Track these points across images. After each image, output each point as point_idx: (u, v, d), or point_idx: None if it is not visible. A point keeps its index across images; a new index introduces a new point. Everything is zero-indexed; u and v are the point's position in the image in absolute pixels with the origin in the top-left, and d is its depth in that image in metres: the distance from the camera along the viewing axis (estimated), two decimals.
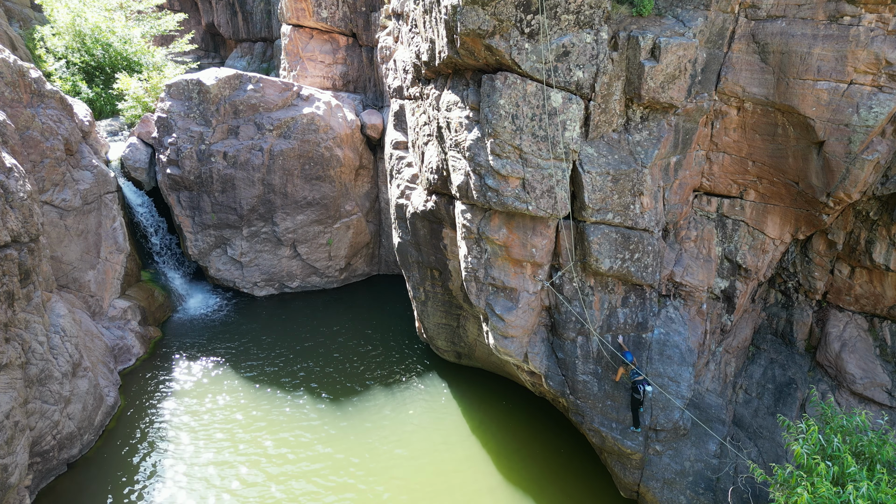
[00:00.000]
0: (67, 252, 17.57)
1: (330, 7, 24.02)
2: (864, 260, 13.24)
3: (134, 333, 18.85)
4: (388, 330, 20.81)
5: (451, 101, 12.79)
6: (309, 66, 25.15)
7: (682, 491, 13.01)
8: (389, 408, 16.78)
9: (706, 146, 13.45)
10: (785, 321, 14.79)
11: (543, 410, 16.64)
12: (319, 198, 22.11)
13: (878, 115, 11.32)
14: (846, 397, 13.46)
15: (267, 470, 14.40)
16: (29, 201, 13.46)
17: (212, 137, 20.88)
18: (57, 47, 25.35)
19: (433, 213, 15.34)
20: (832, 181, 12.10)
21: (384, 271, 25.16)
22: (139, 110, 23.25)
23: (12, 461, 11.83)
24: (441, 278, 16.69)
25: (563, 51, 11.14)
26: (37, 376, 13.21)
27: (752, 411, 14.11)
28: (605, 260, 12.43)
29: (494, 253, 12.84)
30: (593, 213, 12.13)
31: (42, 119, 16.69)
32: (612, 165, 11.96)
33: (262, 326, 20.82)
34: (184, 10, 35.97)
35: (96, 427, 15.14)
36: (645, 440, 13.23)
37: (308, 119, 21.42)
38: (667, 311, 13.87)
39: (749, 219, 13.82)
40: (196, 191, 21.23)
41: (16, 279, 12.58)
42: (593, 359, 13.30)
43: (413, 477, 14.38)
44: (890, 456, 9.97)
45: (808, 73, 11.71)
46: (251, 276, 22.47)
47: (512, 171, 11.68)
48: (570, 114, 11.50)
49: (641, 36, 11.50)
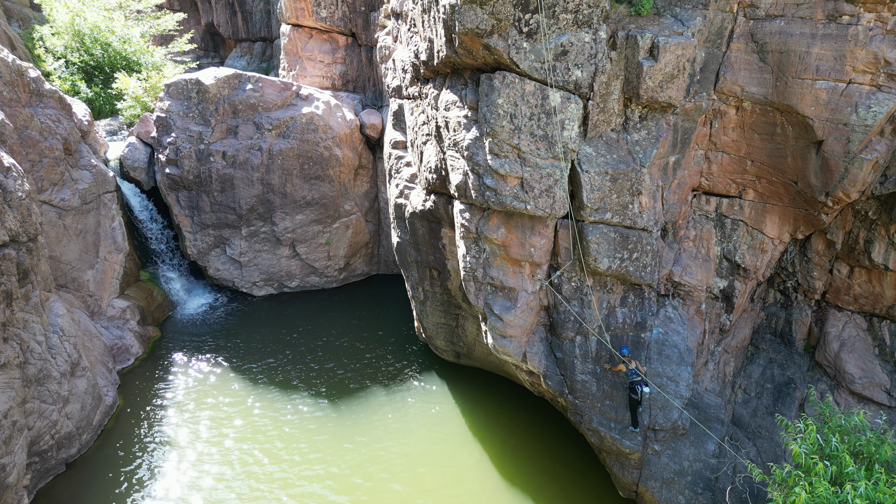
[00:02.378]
0: (66, 252, 17.56)
1: (329, 7, 24.01)
2: (862, 259, 13.23)
3: (133, 333, 18.84)
4: (387, 330, 20.80)
5: (449, 100, 12.78)
6: (308, 65, 25.14)
7: (680, 490, 13.01)
8: (389, 407, 16.78)
9: (705, 146, 13.44)
10: (784, 321, 14.78)
11: (542, 410, 16.64)
12: (318, 197, 22.10)
13: (876, 115, 11.31)
14: (845, 397, 13.45)
15: (267, 469, 14.40)
16: (27, 201, 13.46)
17: (211, 137, 20.87)
18: (56, 47, 25.36)
19: (432, 212, 15.33)
20: (831, 181, 12.10)
21: (383, 271, 25.15)
22: (138, 110, 23.26)
23: (10, 461, 11.83)
24: (440, 278, 16.68)
25: (562, 50, 11.13)
26: (35, 376, 13.21)
27: (751, 411, 14.10)
28: (603, 259, 12.42)
29: (493, 252, 12.83)
30: (592, 213, 12.12)
31: (41, 118, 16.69)
32: (611, 165, 11.95)
33: (261, 326, 20.81)
34: (183, 10, 35.95)
35: (95, 427, 15.14)
36: (644, 440, 13.22)
37: (307, 119, 21.41)
38: (665, 310, 13.87)
39: (748, 218, 13.81)
40: (195, 190, 21.22)
41: (14, 279, 12.57)
42: (592, 358, 13.29)
43: (413, 476, 14.38)
44: (888, 455, 9.96)
45: (807, 72, 11.70)
46: (250, 276, 22.46)
47: (510, 171, 11.67)
48: (568, 113, 11.50)
49: (640, 35, 11.49)
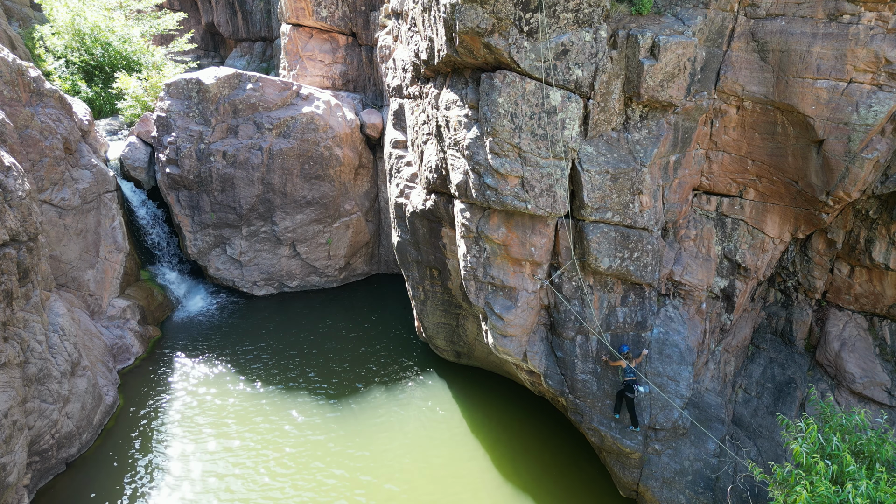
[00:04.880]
0: (66, 251, 17.56)
1: (329, 6, 24.01)
2: (863, 259, 13.22)
3: (133, 333, 18.84)
4: (387, 329, 20.79)
5: (450, 99, 12.77)
6: (308, 65, 25.13)
7: (681, 490, 13.00)
8: (389, 407, 16.77)
9: (705, 145, 13.43)
10: (784, 320, 14.77)
11: (543, 410, 16.62)
12: (319, 197, 22.09)
13: (877, 114, 11.31)
14: (845, 396, 13.44)
15: (267, 469, 14.39)
16: (28, 200, 13.46)
17: (211, 136, 20.87)
18: (56, 46, 25.35)
19: (432, 211, 15.33)
20: (832, 180, 12.09)
21: (384, 271, 25.14)
22: (138, 109, 23.25)
23: (11, 460, 11.82)
24: (440, 277, 16.67)
25: (562, 49, 11.13)
26: (35, 375, 13.20)
27: (752, 410, 14.09)
28: (604, 259, 12.42)
29: (493, 252, 12.82)
30: (592, 212, 12.12)
31: (41, 118, 16.68)
32: (612, 164, 11.95)
33: (261, 326, 20.80)
34: (183, 10, 35.93)
35: (95, 426, 15.13)
36: (644, 439, 13.21)
37: (307, 118, 21.41)
38: (666, 310, 13.86)
39: (748, 218, 13.80)
40: (195, 190, 21.21)
41: (14, 278, 12.57)
42: (592, 358, 13.29)
43: (413, 476, 14.37)
44: (889, 455, 9.95)
45: (808, 71, 11.69)
46: (250, 276, 22.45)
47: (511, 170, 11.67)
48: (569, 112, 11.49)
49: (640, 34, 11.48)
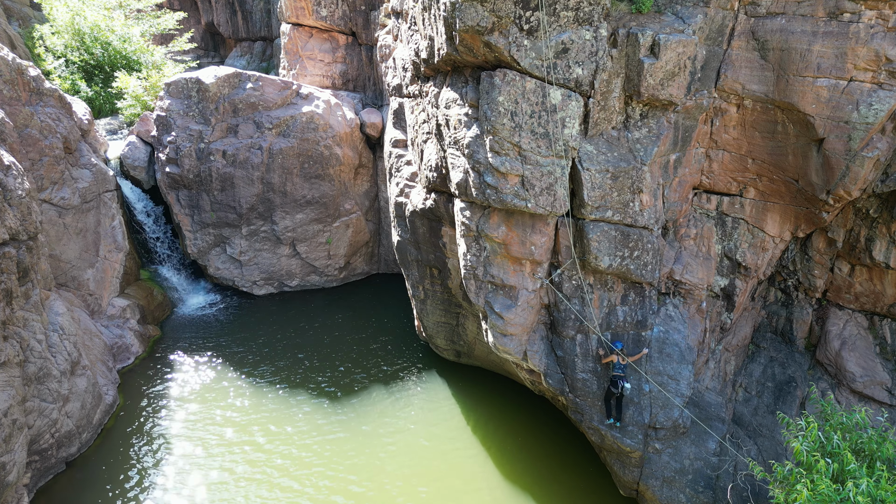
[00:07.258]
0: (66, 250, 17.55)
1: (329, 6, 24.00)
2: (864, 258, 13.22)
3: (133, 332, 18.83)
4: (387, 329, 20.79)
5: (450, 98, 12.76)
6: (308, 64, 25.12)
7: (681, 489, 13.00)
8: (389, 407, 16.76)
9: (706, 144, 13.42)
10: (785, 319, 14.76)
11: (543, 409, 16.62)
12: (319, 196, 22.08)
13: (878, 113, 11.30)
14: (846, 395, 13.43)
15: (266, 469, 14.38)
16: (27, 199, 13.45)
17: (211, 136, 20.86)
18: (56, 46, 25.34)
19: (432, 211, 15.32)
20: (832, 179, 12.08)
21: (384, 270, 25.13)
22: (138, 109, 23.23)
23: (10, 459, 11.81)
24: (440, 276, 16.66)
25: (563, 48, 11.12)
26: (35, 374, 13.20)
27: (752, 409, 14.09)
28: (604, 258, 12.41)
29: (493, 251, 12.82)
30: (592, 211, 12.11)
31: (41, 117, 16.67)
32: (612, 163, 11.94)
33: (261, 325, 20.80)
34: (183, 9, 35.89)
35: (95, 425, 15.13)
36: (644, 438, 13.20)
37: (307, 118, 21.40)
38: (666, 309, 13.85)
39: (749, 217, 13.79)
40: (195, 189, 21.20)
41: (14, 277, 12.56)
42: (592, 357, 13.28)
43: (413, 476, 14.36)
44: (890, 453, 9.94)
45: (808, 70, 11.68)
46: (250, 275, 22.44)
47: (511, 169, 11.66)
48: (569, 111, 11.48)
49: (641, 33, 11.47)
